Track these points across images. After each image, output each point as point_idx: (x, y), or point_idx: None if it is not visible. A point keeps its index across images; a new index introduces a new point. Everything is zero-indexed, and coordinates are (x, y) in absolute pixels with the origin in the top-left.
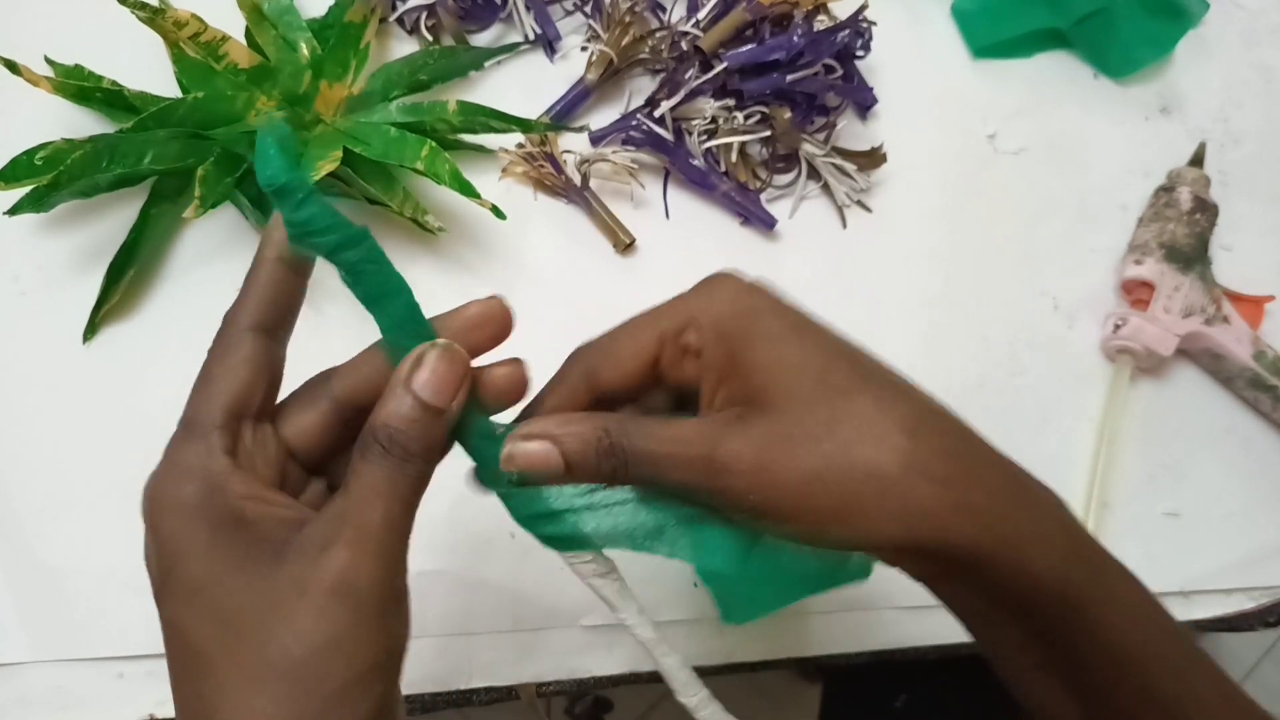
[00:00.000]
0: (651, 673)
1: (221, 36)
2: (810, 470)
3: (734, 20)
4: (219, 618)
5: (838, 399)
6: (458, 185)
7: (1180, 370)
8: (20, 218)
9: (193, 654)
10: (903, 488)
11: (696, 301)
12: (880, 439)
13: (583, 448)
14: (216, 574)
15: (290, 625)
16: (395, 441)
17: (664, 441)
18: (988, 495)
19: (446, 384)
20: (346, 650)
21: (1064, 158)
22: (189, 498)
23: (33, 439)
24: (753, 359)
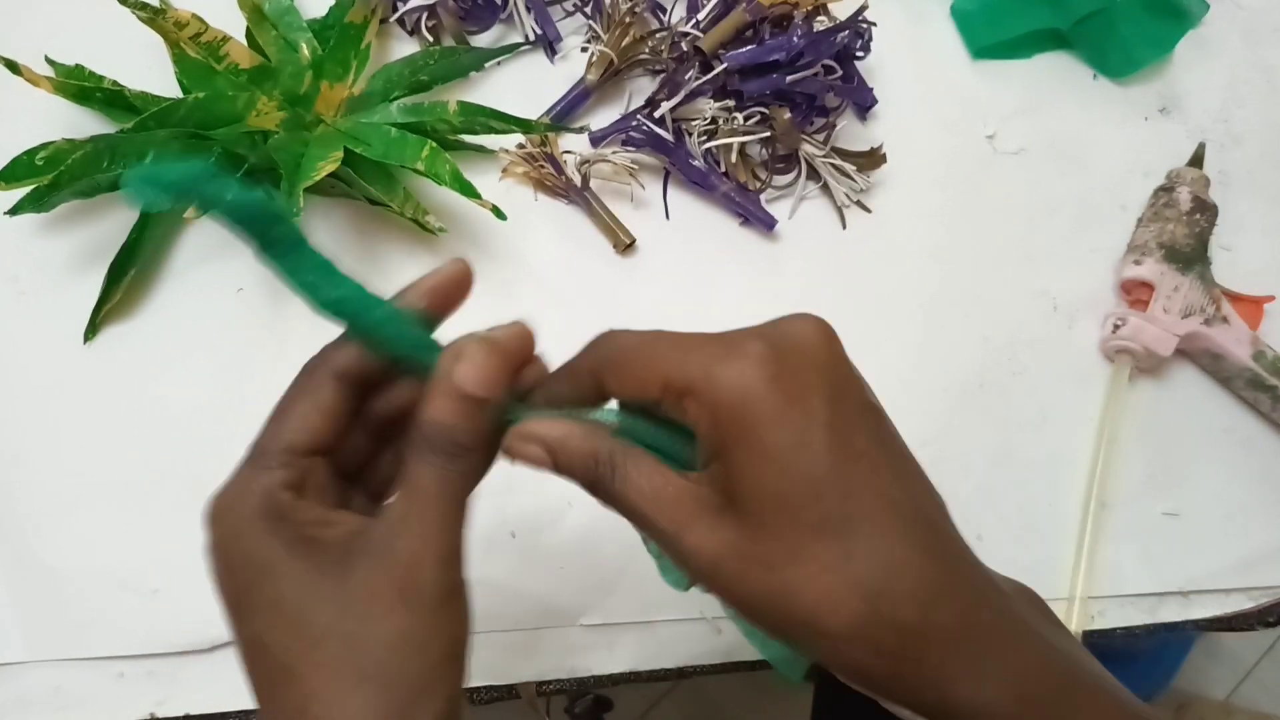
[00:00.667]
0: (652, 671)
1: (222, 37)
2: (755, 596)
3: (734, 21)
4: (299, 630)
5: (807, 539)
6: (458, 186)
7: (1179, 370)
8: (21, 218)
9: (279, 668)
10: (842, 647)
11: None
12: (834, 595)
13: (571, 467)
14: (292, 590)
15: (366, 628)
16: (444, 437)
17: (642, 499)
18: (935, 669)
19: (488, 374)
20: (419, 645)
21: (1063, 158)
22: (259, 523)
23: (33, 439)
24: (740, 466)
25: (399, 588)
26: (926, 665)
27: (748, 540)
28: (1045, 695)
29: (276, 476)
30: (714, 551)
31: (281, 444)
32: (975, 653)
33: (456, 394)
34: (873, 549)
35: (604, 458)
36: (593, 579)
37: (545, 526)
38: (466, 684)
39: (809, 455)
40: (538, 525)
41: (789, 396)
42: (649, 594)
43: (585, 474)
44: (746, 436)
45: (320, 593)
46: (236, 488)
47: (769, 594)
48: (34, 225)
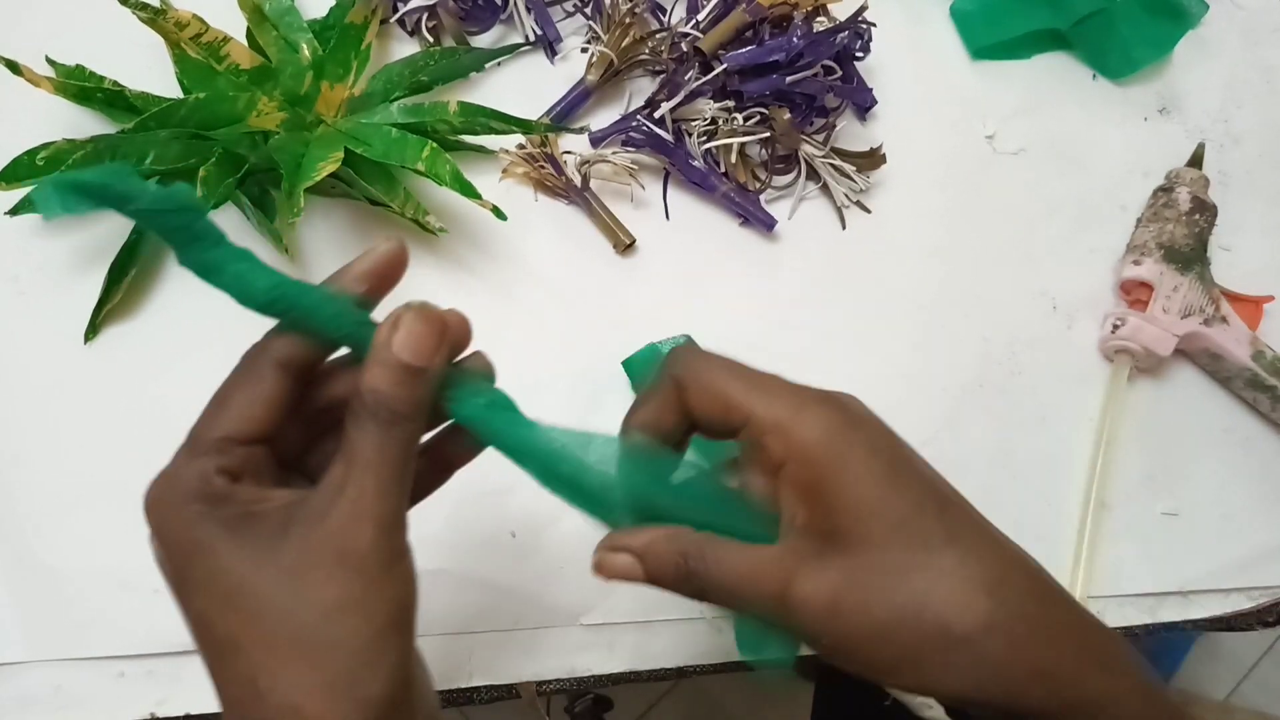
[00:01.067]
0: (652, 671)
1: (223, 37)
2: (883, 621)
3: (734, 22)
4: (238, 603)
5: (919, 550)
6: (458, 186)
7: (1179, 370)
8: (21, 218)
9: (222, 642)
10: (979, 647)
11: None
12: (961, 596)
13: (661, 570)
14: (228, 564)
15: (304, 596)
16: (382, 405)
17: (739, 574)
18: (1063, 660)
19: (425, 342)
20: (360, 610)
21: (1063, 158)
22: (194, 505)
23: (33, 439)
24: (839, 495)
25: (335, 554)
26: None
27: (863, 566)
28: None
29: (211, 462)
30: (830, 592)
31: (219, 432)
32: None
33: (394, 362)
34: (983, 551)
35: (693, 551)
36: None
37: (545, 526)
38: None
39: (904, 478)
40: (538, 525)
41: (868, 442)
42: (649, 594)
43: (677, 571)
44: (840, 469)
45: (257, 566)
46: (171, 474)
47: (895, 613)
48: (34, 225)
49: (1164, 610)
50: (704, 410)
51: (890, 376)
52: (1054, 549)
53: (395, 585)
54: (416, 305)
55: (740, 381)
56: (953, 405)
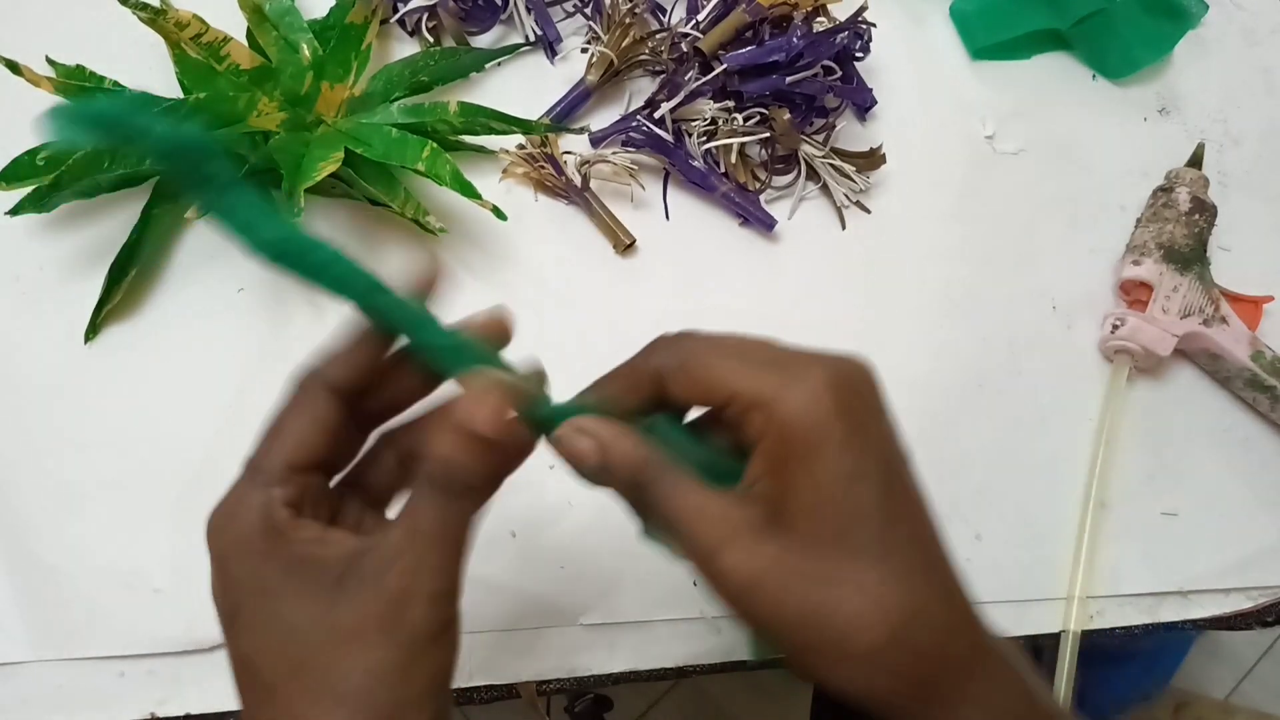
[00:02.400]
0: (652, 671)
1: (223, 37)
2: (791, 616)
3: (733, 22)
4: (285, 651)
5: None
6: (459, 186)
7: (1178, 370)
8: (22, 218)
9: (263, 685)
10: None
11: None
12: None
13: (617, 466)
14: (283, 612)
15: (349, 656)
16: (453, 477)
17: (683, 514)
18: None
19: (501, 414)
20: (400, 677)
21: (1063, 159)
22: (255, 541)
23: (33, 439)
24: (798, 481)
25: (385, 621)
26: (938, 691)
27: (793, 557)
28: None
29: (275, 494)
30: (755, 569)
31: (280, 460)
32: (982, 682)
33: (468, 433)
34: (904, 578)
35: (652, 464)
36: (593, 579)
37: (545, 526)
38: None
39: (865, 483)
40: (538, 525)
41: (853, 426)
42: (649, 594)
43: (631, 478)
44: (810, 456)
45: (310, 617)
46: (234, 504)
47: (804, 611)
48: (35, 225)
49: (1164, 610)
50: (688, 397)
51: (890, 377)
52: (1054, 549)
53: (438, 654)
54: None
55: (728, 360)
56: (953, 405)
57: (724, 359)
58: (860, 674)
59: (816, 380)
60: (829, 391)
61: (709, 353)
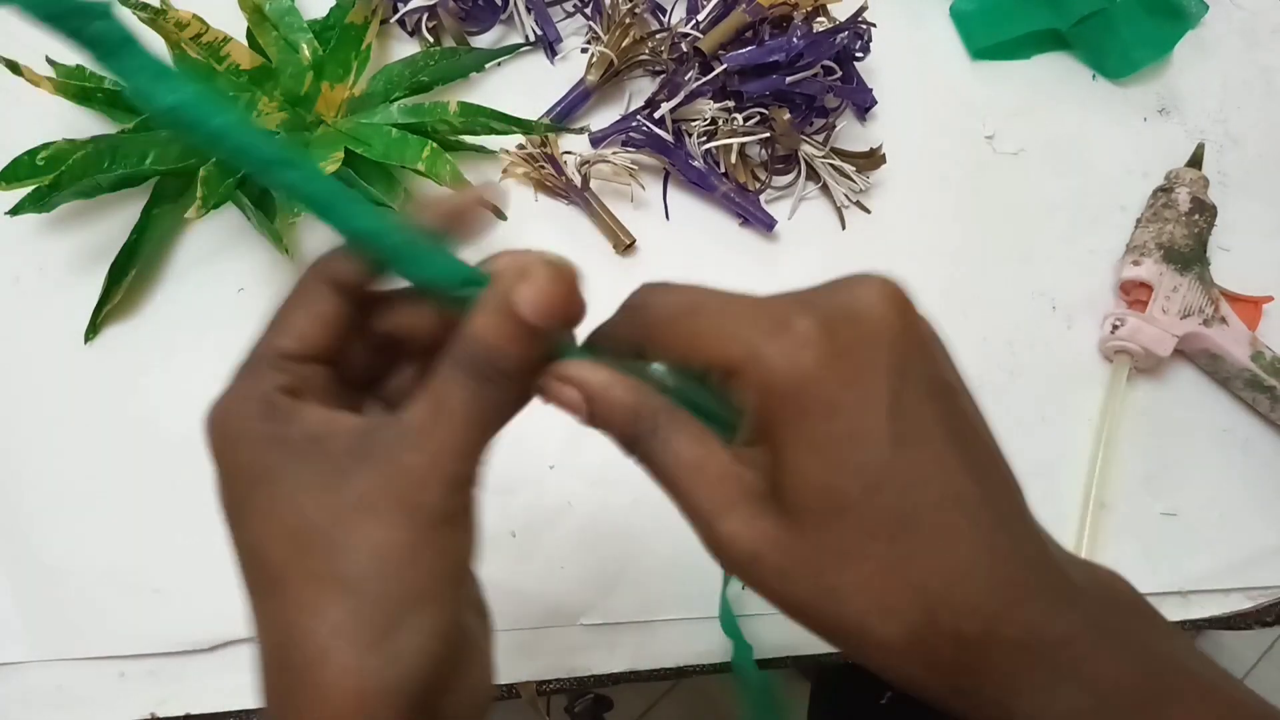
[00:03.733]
0: (652, 671)
1: (223, 38)
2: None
3: (734, 22)
4: (293, 536)
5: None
6: (459, 186)
7: (1178, 371)
8: (22, 218)
9: (269, 574)
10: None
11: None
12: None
13: (609, 419)
14: (288, 495)
15: (357, 539)
16: (487, 359)
17: (682, 468)
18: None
19: (553, 301)
20: (411, 561)
21: (1063, 159)
22: (257, 427)
23: (34, 439)
24: (790, 453)
25: (397, 501)
26: (988, 680)
27: (792, 536)
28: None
29: (273, 380)
30: (753, 543)
31: (276, 350)
32: (1046, 665)
33: (513, 316)
34: (934, 551)
35: (646, 414)
36: (593, 579)
37: (545, 526)
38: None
39: (865, 446)
40: (538, 525)
41: (844, 380)
42: (649, 594)
43: (623, 429)
44: (796, 424)
45: (317, 499)
46: (232, 395)
47: (812, 597)
48: (35, 225)
49: (1163, 610)
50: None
51: None
52: None
53: (452, 538)
54: (553, 258)
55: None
56: None
57: (699, 318)
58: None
59: (803, 329)
60: (813, 345)
61: (683, 312)
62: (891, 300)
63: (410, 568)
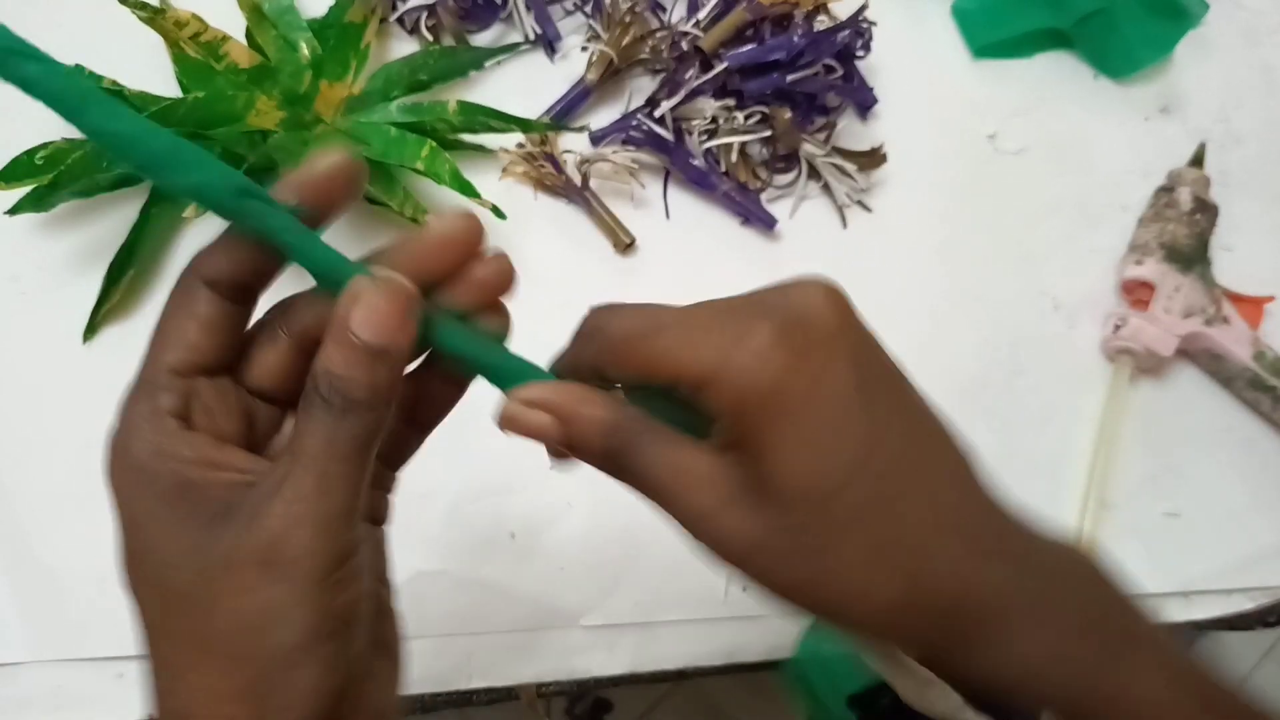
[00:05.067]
0: (652, 673)
1: (222, 36)
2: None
3: (734, 20)
4: (161, 591)
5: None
6: (458, 185)
7: (1180, 371)
8: (20, 217)
9: (143, 627)
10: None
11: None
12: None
13: (587, 438)
14: (158, 544)
15: (222, 599)
16: (335, 390)
17: (669, 475)
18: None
19: (389, 320)
20: (280, 620)
21: (1064, 158)
22: (136, 463)
23: (33, 439)
24: (770, 451)
25: (263, 559)
26: (974, 637)
27: (786, 524)
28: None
29: (161, 403)
30: (747, 539)
31: (162, 366)
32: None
33: (350, 342)
34: (909, 526)
35: (624, 427)
36: (593, 579)
37: (545, 526)
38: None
39: (840, 441)
40: (538, 525)
41: (812, 379)
42: (649, 594)
43: (603, 446)
44: (775, 424)
45: (185, 553)
46: (123, 423)
47: (806, 582)
48: (34, 225)
49: (1165, 610)
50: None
51: None
52: None
53: (332, 591)
54: (381, 276)
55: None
56: (953, 405)
57: (660, 338)
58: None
59: (760, 341)
60: (777, 348)
61: (642, 333)
62: (834, 302)
63: (282, 627)
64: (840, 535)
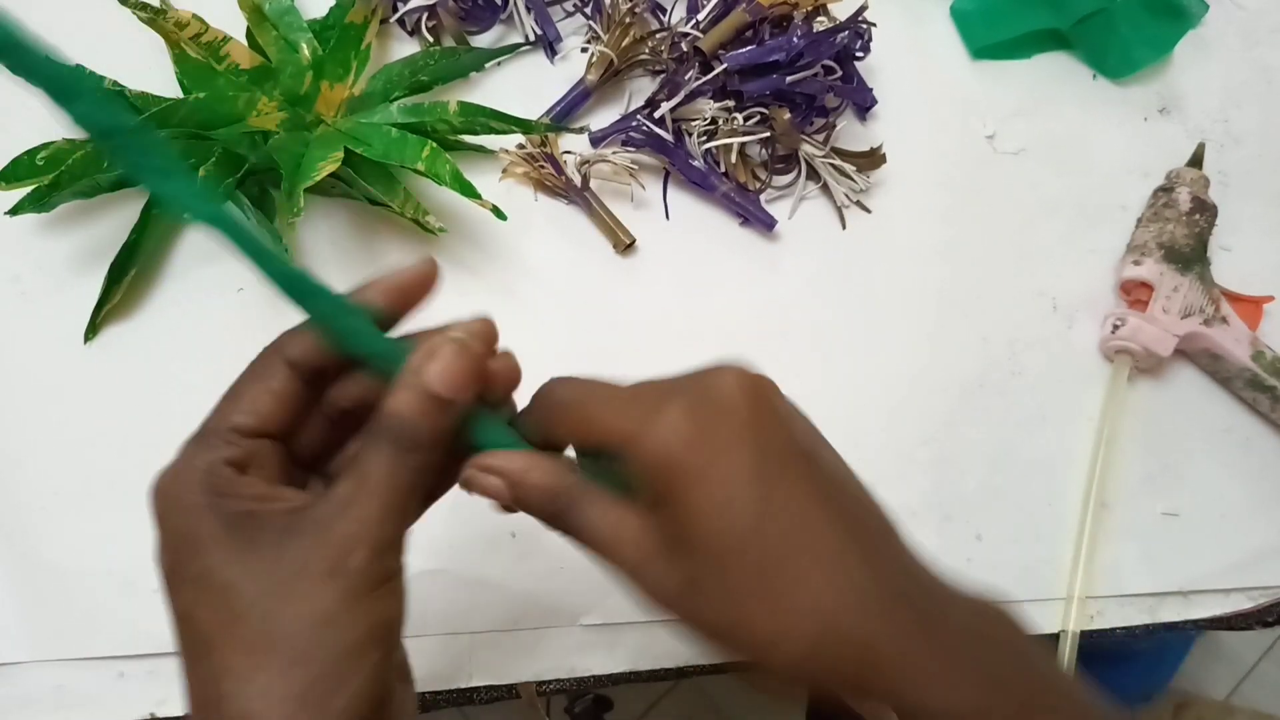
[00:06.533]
0: (652, 671)
1: (223, 37)
2: (716, 628)
3: (734, 21)
4: (223, 604)
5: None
6: (458, 186)
7: (1179, 370)
8: (21, 218)
9: (200, 640)
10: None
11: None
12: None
13: (530, 501)
14: (223, 563)
15: (287, 606)
16: (403, 431)
17: (601, 536)
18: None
19: (458, 376)
20: (340, 625)
21: (1063, 158)
22: (198, 498)
23: (33, 439)
24: (683, 507)
25: (327, 568)
26: (890, 672)
27: (700, 578)
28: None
29: (221, 454)
30: (671, 588)
31: (228, 424)
32: (938, 658)
33: (423, 391)
34: (818, 575)
35: (562, 491)
36: (593, 579)
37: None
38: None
39: (739, 506)
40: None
41: (711, 454)
42: None
43: (543, 509)
44: (679, 490)
45: (250, 568)
46: (179, 464)
47: (725, 627)
48: (34, 225)
49: (1164, 610)
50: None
51: (890, 377)
52: (1054, 549)
53: (379, 604)
54: (455, 335)
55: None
56: (953, 405)
57: (590, 405)
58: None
59: (673, 414)
60: (691, 418)
61: (577, 400)
62: (742, 386)
63: (340, 631)
64: (746, 587)
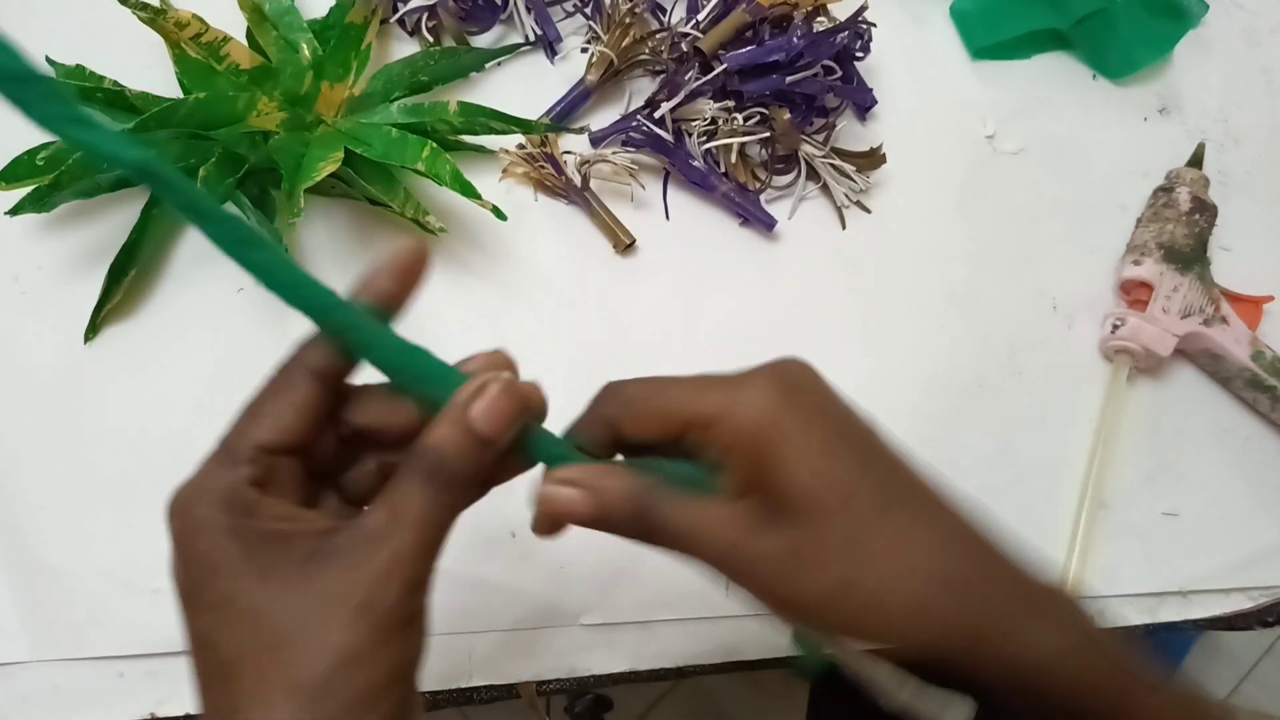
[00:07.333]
0: (652, 671)
1: (223, 37)
2: (825, 591)
3: (734, 22)
4: (248, 631)
5: (858, 524)
6: (458, 186)
7: (1178, 370)
8: (21, 218)
9: (221, 664)
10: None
11: (729, 397)
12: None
13: (613, 507)
14: (247, 589)
15: (314, 639)
16: (444, 467)
17: (692, 522)
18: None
19: (505, 417)
20: (365, 663)
21: (1063, 158)
22: (220, 519)
23: (33, 439)
24: (781, 472)
25: (359, 604)
26: (996, 627)
27: (802, 546)
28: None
29: (242, 472)
30: (770, 564)
31: (251, 440)
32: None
33: (468, 428)
34: (921, 527)
35: (643, 493)
36: (593, 579)
37: None
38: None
39: (840, 455)
40: None
41: (807, 413)
42: (649, 594)
43: (626, 513)
44: (779, 450)
45: (275, 596)
46: (199, 482)
47: (831, 593)
48: (35, 225)
49: (1164, 610)
50: (641, 433)
51: (890, 376)
52: (1053, 549)
53: (406, 641)
54: (506, 377)
55: (673, 391)
56: (953, 405)
57: (669, 392)
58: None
59: (759, 384)
60: (774, 390)
61: (654, 390)
62: (813, 372)
63: (365, 669)
64: (857, 539)
